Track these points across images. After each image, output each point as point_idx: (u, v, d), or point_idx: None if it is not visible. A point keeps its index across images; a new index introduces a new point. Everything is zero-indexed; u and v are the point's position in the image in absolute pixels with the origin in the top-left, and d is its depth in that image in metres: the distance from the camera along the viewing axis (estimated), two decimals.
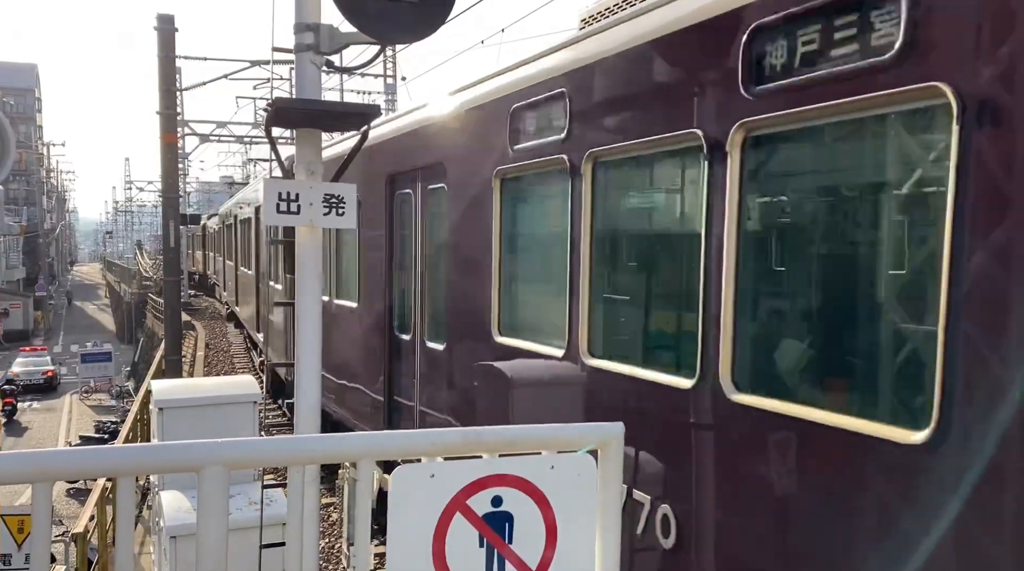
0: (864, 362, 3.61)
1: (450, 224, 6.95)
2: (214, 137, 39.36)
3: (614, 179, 5.02)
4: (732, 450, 3.91)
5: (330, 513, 11.40)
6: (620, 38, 4.77)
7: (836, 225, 3.89)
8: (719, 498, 3.97)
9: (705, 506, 4.03)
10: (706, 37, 4.08)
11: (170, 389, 8.34)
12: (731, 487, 3.92)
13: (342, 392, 9.94)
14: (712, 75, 4.05)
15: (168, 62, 20.68)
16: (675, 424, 4.22)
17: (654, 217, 5.21)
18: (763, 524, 3.73)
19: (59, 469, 2.26)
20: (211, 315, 34.73)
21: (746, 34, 3.74)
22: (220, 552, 2.24)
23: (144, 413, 15.50)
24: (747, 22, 3.75)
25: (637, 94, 4.68)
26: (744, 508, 3.84)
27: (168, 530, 7.11)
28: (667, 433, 4.33)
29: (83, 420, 37.65)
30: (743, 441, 3.82)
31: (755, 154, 3.85)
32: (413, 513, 2.50)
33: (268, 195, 3.95)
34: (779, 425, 3.58)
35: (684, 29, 4.23)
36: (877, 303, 3.53)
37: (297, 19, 4.04)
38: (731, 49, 3.81)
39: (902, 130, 3.32)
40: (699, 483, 4.06)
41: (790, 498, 3.59)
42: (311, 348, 4.09)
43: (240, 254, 21.83)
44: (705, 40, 4.10)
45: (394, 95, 29.82)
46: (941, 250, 2.96)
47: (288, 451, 2.43)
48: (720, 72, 3.94)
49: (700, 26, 4.12)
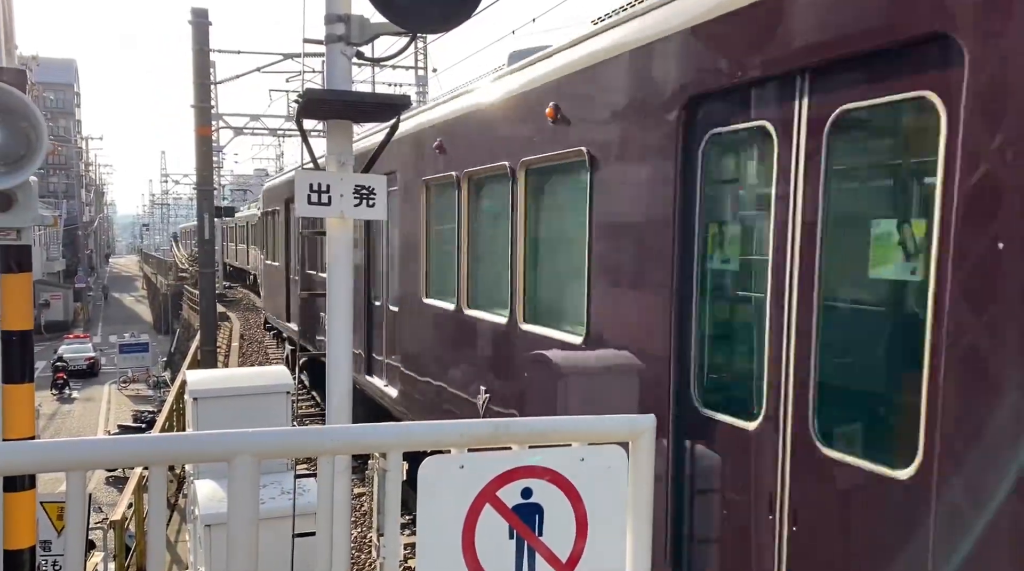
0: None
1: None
2: (248, 130, 39.73)
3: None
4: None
5: (362, 503, 11.49)
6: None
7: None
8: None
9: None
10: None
11: (205, 379, 8.43)
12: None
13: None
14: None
15: (202, 55, 20.89)
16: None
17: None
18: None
19: (93, 458, 2.29)
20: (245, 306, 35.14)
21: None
22: (251, 541, 2.25)
23: (180, 403, 15.74)
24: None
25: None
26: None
27: (203, 519, 7.19)
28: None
29: (121, 410, 38.35)
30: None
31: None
32: (443, 504, 2.49)
33: (300, 186, 3.96)
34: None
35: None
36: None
37: (328, 10, 4.04)
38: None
39: None
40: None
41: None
42: (343, 339, 4.10)
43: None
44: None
45: (425, 87, 29.82)
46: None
47: (317, 441, 2.43)
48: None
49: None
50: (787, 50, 3.79)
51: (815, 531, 3.68)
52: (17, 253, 4.05)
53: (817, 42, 3.63)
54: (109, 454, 2.28)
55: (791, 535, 3.79)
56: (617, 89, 5.19)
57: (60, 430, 34.64)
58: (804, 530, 3.72)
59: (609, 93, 5.27)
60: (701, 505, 4.48)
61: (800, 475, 3.75)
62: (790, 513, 3.78)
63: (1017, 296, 2.86)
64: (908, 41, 3.22)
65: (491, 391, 7.15)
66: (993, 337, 2.94)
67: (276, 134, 41.91)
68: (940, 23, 3.06)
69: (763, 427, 3.97)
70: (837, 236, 3.69)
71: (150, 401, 38.00)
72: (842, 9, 3.51)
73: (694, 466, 4.47)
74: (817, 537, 3.68)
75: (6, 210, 3.90)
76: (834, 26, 3.53)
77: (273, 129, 40.86)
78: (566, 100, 5.72)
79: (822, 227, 3.67)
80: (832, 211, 3.68)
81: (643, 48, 4.88)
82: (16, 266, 4.00)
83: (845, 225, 3.74)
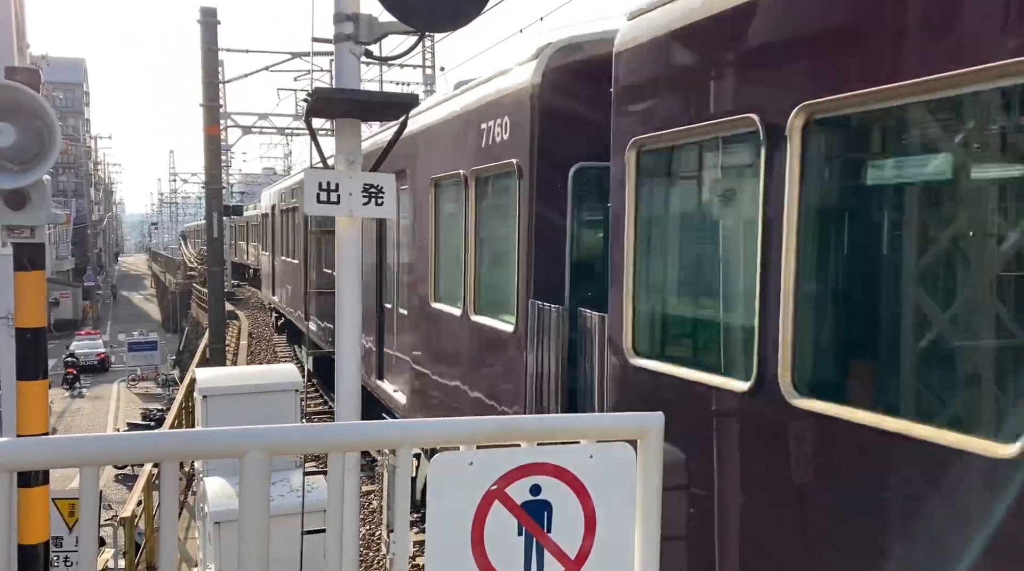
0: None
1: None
2: (256, 129, 39.81)
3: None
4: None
5: (370, 500, 11.52)
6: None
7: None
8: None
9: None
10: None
11: (214, 377, 8.48)
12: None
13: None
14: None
15: (211, 55, 20.96)
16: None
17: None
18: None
19: (106, 454, 2.31)
20: (253, 305, 35.24)
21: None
22: (262, 536, 2.26)
23: (189, 401, 15.80)
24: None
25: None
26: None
27: (212, 516, 7.23)
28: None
29: (130, 408, 38.51)
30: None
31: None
32: (452, 501, 2.50)
33: (308, 185, 3.97)
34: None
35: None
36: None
37: (336, 9, 4.06)
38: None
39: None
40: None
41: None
42: (351, 336, 4.12)
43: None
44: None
45: (433, 86, 29.84)
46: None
47: (328, 437, 2.44)
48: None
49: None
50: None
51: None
52: (31, 251, 4.09)
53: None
54: (122, 450, 2.30)
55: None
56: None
57: (70, 427, 34.82)
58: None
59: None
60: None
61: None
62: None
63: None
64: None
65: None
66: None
67: (284, 133, 42.00)
68: None
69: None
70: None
71: (159, 399, 38.14)
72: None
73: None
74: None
75: (20, 208, 3.93)
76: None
77: (281, 128, 40.95)
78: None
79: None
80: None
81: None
82: (29, 264, 4.04)
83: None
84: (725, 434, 4.02)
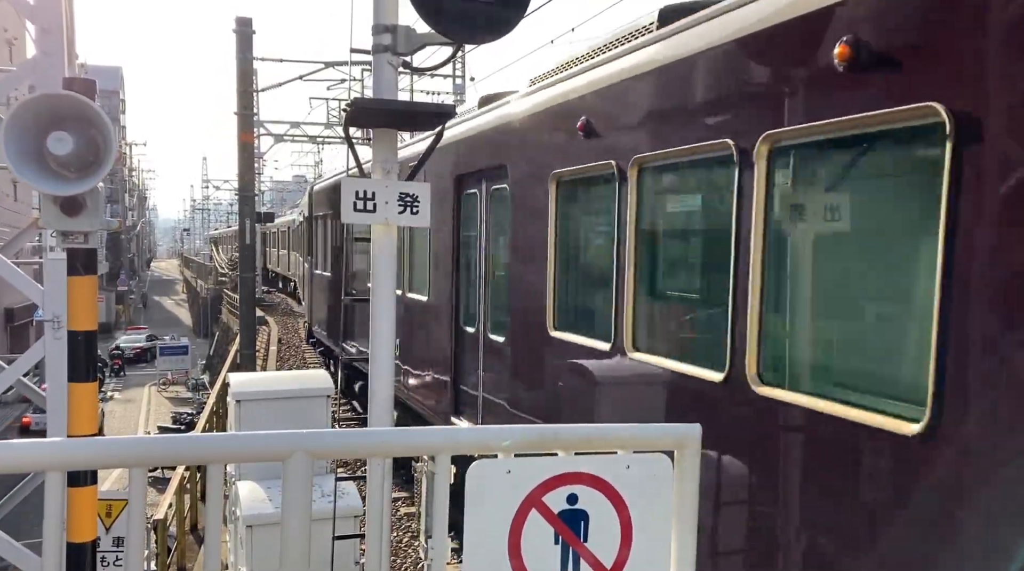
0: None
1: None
2: (288, 137, 40.23)
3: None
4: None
5: (397, 507, 11.56)
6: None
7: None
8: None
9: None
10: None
11: (247, 382, 8.57)
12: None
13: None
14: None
15: (246, 63, 21.25)
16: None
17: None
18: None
19: (154, 455, 2.36)
20: (283, 311, 35.54)
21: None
22: (303, 537, 2.30)
23: (220, 405, 15.97)
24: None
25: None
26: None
27: (245, 519, 7.30)
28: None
29: (160, 411, 38.98)
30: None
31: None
32: (489, 508, 2.52)
33: (345, 193, 4.03)
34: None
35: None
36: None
37: (375, 20, 4.11)
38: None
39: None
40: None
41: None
42: (386, 343, 4.16)
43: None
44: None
45: (463, 95, 30.02)
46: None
47: (371, 443, 2.48)
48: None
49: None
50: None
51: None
52: (84, 256, 4.18)
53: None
54: (170, 451, 2.35)
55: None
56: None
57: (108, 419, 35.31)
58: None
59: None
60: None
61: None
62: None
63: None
64: None
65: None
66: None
67: (315, 141, 42.39)
68: None
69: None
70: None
71: (189, 403, 38.57)
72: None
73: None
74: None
75: (76, 214, 4.03)
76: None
77: (312, 136, 41.33)
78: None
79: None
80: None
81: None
82: (83, 269, 4.14)
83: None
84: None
